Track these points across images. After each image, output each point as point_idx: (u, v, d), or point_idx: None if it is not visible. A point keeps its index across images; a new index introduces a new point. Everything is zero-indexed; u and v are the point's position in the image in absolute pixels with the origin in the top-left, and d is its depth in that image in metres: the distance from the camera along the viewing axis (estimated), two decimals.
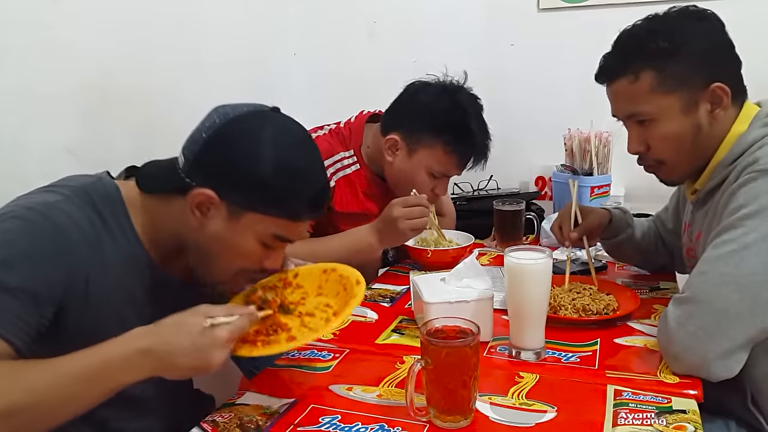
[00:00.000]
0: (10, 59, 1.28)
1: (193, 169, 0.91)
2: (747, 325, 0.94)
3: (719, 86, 1.05)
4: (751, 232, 0.94)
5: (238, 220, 0.91)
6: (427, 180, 1.53)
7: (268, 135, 0.91)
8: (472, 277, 1.16)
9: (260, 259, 0.96)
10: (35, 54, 1.33)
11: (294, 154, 0.92)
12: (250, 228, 0.91)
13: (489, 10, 2.17)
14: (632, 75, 1.07)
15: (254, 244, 0.93)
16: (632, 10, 1.19)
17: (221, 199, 0.89)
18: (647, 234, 1.44)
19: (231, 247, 0.93)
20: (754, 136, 1.04)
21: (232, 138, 0.90)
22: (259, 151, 0.89)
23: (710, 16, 1.08)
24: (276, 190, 0.90)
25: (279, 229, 0.93)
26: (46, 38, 1.35)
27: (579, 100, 2.01)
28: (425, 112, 1.50)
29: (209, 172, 0.90)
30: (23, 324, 0.79)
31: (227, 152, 0.90)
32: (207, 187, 0.89)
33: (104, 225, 0.90)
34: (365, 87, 1.63)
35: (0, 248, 0.80)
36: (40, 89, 1.34)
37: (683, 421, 0.85)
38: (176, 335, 0.80)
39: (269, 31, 2.25)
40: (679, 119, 1.07)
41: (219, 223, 0.91)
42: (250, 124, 0.91)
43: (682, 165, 1.12)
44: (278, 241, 0.95)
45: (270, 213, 0.91)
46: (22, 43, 1.30)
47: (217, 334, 0.80)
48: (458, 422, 0.86)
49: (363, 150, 1.60)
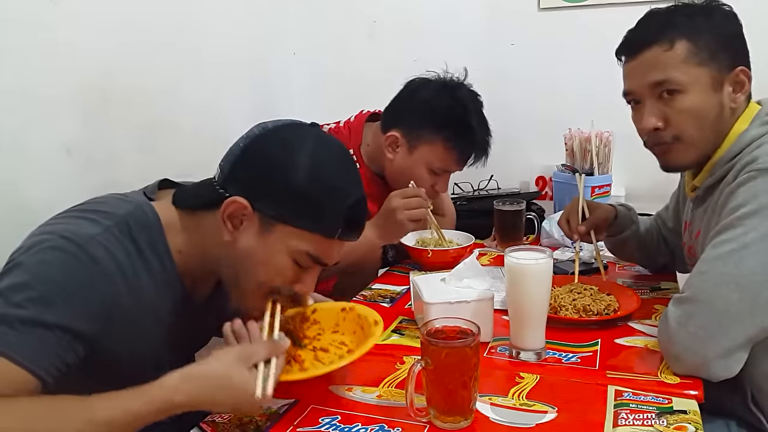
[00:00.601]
0: (10, 59, 1.28)
1: (228, 180, 0.90)
2: (747, 325, 0.94)
3: (743, 70, 1.07)
4: (751, 231, 0.94)
5: (270, 232, 0.89)
6: (428, 176, 1.54)
7: (307, 146, 0.89)
8: (473, 277, 1.16)
9: (292, 279, 0.94)
10: (35, 54, 1.33)
11: (331, 168, 0.91)
12: (282, 242, 0.89)
13: (489, 9, 2.17)
14: (667, 43, 1.06)
15: (286, 260, 0.91)
16: (632, 10, 1.18)
17: (254, 210, 0.88)
18: (650, 232, 1.44)
19: (262, 263, 0.91)
20: (753, 135, 1.05)
21: (269, 148, 0.90)
22: (295, 161, 0.88)
23: (732, 11, 1.10)
24: (309, 202, 0.88)
25: (312, 246, 0.90)
26: (46, 38, 1.35)
27: (579, 100, 2.02)
28: (426, 108, 1.51)
29: (243, 182, 0.89)
30: (58, 360, 0.79)
31: (262, 161, 0.89)
32: (241, 197, 0.88)
33: (140, 255, 0.89)
34: (365, 87, 1.63)
35: (38, 282, 0.79)
36: (40, 90, 1.34)
37: (684, 421, 0.85)
38: (219, 394, 0.80)
39: (269, 31, 2.24)
40: (707, 93, 1.07)
41: (251, 237, 0.90)
42: (288, 135, 0.91)
43: (697, 144, 1.09)
44: (311, 261, 0.92)
45: (303, 226, 0.89)
46: (21, 43, 1.30)
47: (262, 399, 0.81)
48: (458, 423, 0.86)
49: (363, 149, 1.60)
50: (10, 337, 0.76)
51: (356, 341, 1.01)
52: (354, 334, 1.03)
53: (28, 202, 1.31)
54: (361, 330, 1.02)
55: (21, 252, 0.83)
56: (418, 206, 1.43)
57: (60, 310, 0.79)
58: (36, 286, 0.78)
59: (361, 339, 0.99)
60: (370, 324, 1.00)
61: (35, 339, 0.77)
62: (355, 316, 1.05)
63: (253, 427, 0.89)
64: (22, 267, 0.80)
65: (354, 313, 1.06)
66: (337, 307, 1.08)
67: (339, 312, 1.07)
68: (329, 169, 0.90)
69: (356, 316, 1.05)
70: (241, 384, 0.80)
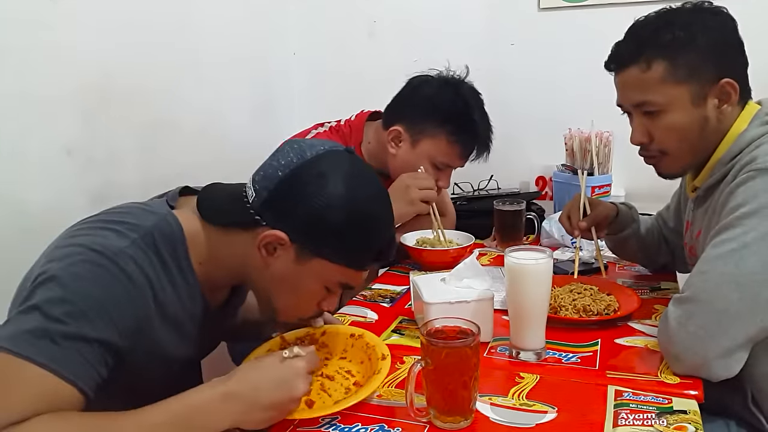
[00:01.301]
0: (10, 60, 1.28)
1: (264, 207, 0.90)
2: (747, 324, 0.94)
3: (729, 82, 1.05)
4: (751, 231, 0.94)
5: (305, 264, 0.91)
6: (431, 171, 1.55)
7: (345, 182, 0.89)
8: (473, 277, 1.16)
9: (319, 301, 0.97)
10: (35, 55, 1.33)
11: (369, 204, 0.92)
12: (317, 273, 0.92)
13: (489, 9, 2.17)
14: (644, 63, 1.07)
15: (318, 288, 0.95)
16: (632, 10, 1.18)
17: (291, 242, 0.89)
18: (650, 231, 1.44)
19: (294, 289, 0.94)
20: (753, 135, 1.05)
21: (308, 181, 0.89)
22: (334, 199, 0.88)
23: (724, 12, 1.08)
24: (348, 241, 0.90)
25: (344, 277, 0.94)
26: (46, 39, 1.35)
27: (579, 100, 2.01)
28: (428, 103, 1.53)
29: (281, 213, 0.89)
30: (96, 374, 0.79)
31: (302, 196, 0.88)
32: (278, 228, 0.89)
33: (164, 268, 0.89)
34: (365, 86, 1.64)
35: (75, 296, 0.78)
36: (40, 90, 1.34)
37: (684, 421, 0.85)
38: (258, 372, 0.84)
39: (269, 30, 2.24)
40: (688, 111, 1.07)
41: (285, 264, 0.91)
42: (326, 168, 0.90)
43: (684, 157, 1.12)
44: (340, 287, 0.96)
45: (339, 262, 0.91)
46: (21, 43, 1.30)
47: (298, 364, 0.85)
48: (458, 423, 0.86)
49: (363, 146, 1.62)
50: (54, 352, 0.75)
51: (363, 372, 1.00)
52: (361, 364, 1.02)
53: (28, 204, 1.31)
54: (369, 361, 1.01)
55: (49, 262, 0.82)
56: (429, 186, 1.46)
57: (98, 324, 0.79)
58: (74, 300, 0.78)
59: (368, 371, 0.99)
60: (378, 358, 0.99)
61: (77, 354, 0.77)
62: (364, 344, 1.05)
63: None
64: (56, 281, 0.79)
65: (363, 341, 1.05)
66: (346, 332, 1.08)
67: (348, 338, 1.07)
68: (367, 207, 0.91)
69: (365, 344, 1.05)
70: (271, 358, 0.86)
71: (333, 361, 1.05)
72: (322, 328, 1.07)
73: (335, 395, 0.95)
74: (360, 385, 0.96)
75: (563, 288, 1.28)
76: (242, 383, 0.82)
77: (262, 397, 0.82)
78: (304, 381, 0.85)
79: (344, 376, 1.00)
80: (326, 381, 0.98)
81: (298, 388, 0.84)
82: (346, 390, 0.96)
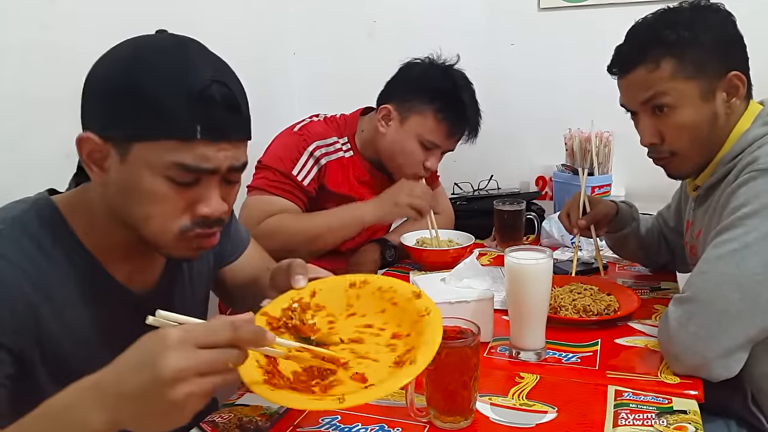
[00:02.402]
0: (8, 62, 1.28)
1: (84, 122, 0.80)
2: (747, 325, 0.94)
3: (736, 74, 1.05)
4: (752, 231, 0.94)
5: (127, 157, 0.76)
6: (419, 150, 1.56)
7: (127, 50, 0.78)
8: (473, 277, 1.16)
9: (185, 205, 0.79)
10: (33, 57, 1.33)
11: (157, 59, 0.76)
12: (143, 162, 0.76)
13: (489, 9, 2.17)
14: (652, 63, 1.07)
15: (159, 182, 0.76)
16: (632, 10, 1.19)
17: (104, 141, 0.77)
18: (651, 231, 1.44)
19: (136, 194, 0.78)
20: (755, 135, 1.05)
21: (94, 70, 0.80)
22: (111, 70, 0.77)
23: (722, 9, 1.08)
24: (142, 105, 0.74)
25: (174, 154, 0.75)
26: (44, 40, 1.35)
27: (579, 100, 2.02)
28: (417, 81, 1.57)
29: (85, 116, 0.79)
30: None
31: (89, 85, 0.79)
32: (89, 131, 0.77)
33: (44, 255, 0.80)
34: (365, 87, 1.64)
35: None
36: (38, 93, 1.34)
37: (684, 421, 0.85)
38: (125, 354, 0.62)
39: (269, 31, 2.25)
40: (698, 106, 1.07)
41: (116, 171, 0.78)
42: (111, 51, 0.80)
43: (694, 156, 1.11)
44: (188, 172, 0.77)
45: (150, 136, 0.75)
46: (19, 45, 1.30)
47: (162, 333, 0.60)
48: (458, 423, 0.86)
49: (357, 136, 1.65)
50: None
51: (394, 321, 0.80)
52: (383, 312, 0.83)
53: None
54: (394, 307, 0.82)
55: None
56: (423, 197, 1.46)
57: None
58: None
59: (402, 317, 0.79)
60: (407, 297, 0.80)
61: None
62: (374, 290, 0.85)
63: (253, 427, 0.89)
64: None
65: (370, 288, 0.85)
66: (344, 284, 0.88)
67: (348, 289, 0.87)
68: (153, 63, 0.76)
69: (375, 290, 0.85)
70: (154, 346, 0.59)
71: (339, 322, 0.84)
72: (310, 287, 0.86)
73: (383, 357, 0.74)
74: (400, 336, 0.77)
75: (563, 288, 1.28)
76: (105, 371, 0.62)
77: (123, 385, 0.60)
78: (175, 352, 0.58)
79: (373, 333, 0.80)
80: (355, 346, 0.78)
81: (162, 366, 0.57)
82: (390, 347, 0.75)
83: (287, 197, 1.51)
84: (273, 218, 1.48)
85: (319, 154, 1.54)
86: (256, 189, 1.52)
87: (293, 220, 1.49)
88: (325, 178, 1.56)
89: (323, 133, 1.58)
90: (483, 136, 1.62)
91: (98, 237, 0.85)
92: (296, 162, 1.52)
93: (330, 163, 1.56)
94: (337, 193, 1.57)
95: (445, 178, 1.89)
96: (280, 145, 1.56)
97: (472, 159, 2.12)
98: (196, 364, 0.59)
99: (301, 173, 1.52)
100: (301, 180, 1.52)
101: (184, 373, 0.58)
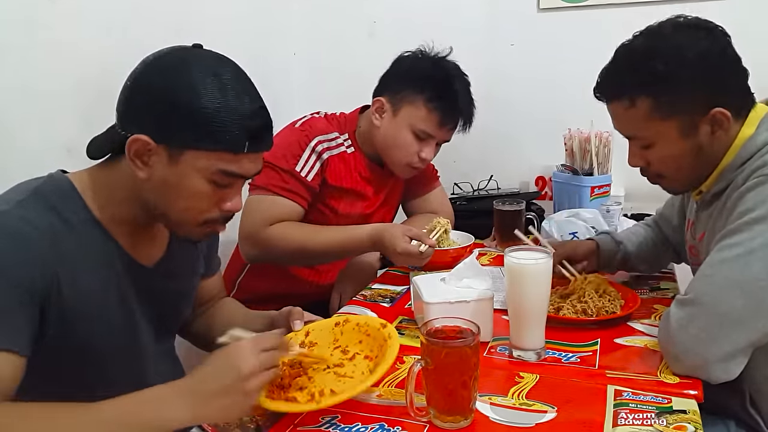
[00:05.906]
0: (9, 57, 1.28)
1: (124, 120, 0.90)
2: (749, 330, 0.94)
3: (720, 111, 1.02)
4: (758, 236, 0.94)
5: (179, 161, 0.88)
6: (413, 141, 1.56)
7: (187, 67, 0.88)
8: (472, 277, 1.16)
9: (216, 201, 0.93)
10: (34, 52, 1.33)
11: (217, 83, 0.88)
12: (193, 167, 0.89)
13: (489, 9, 2.17)
14: (628, 101, 1.05)
15: (203, 183, 0.90)
16: (632, 10, 1.19)
17: (157, 144, 0.88)
18: (645, 242, 1.41)
19: (180, 191, 0.91)
20: (763, 139, 1.03)
21: (152, 78, 0.89)
22: (178, 85, 0.87)
23: (714, 30, 1.03)
24: (202, 121, 0.86)
25: (222, 163, 0.89)
26: (45, 36, 1.35)
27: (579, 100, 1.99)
28: (409, 71, 1.58)
29: (139, 118, 0.88)
30: (26, 329, 0.81)
31: (149, 93, 0.88)
32: (141, 134, 0.87)
33: (63, 222, 0.88)
34: (365, 86, 1.64)
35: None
36: (39, 87, 1.34)
37: (683, 421, 0.85)
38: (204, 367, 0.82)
39: (270, 29, 2.24)
40: (678, 143, 1.05)
41: (162, 169, 0.89)
42: (168, 62, 0.90)
43: (682, 180, 1.12)
44: (228, 177, 0.91)
45: (205, 147, 0.88)
46: (20, 41, 1.30)
47: (238, 343, 0.82)
48: (458, 422, 0.86)
49: (357, 132, 1.65)
50: None
51: (368, 347, 1.00)
52: (360, 343, 1.02)
53: None
54: (367, 337, 1.01)
55: None
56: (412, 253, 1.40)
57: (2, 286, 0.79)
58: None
59: (373, 345, 0.98)
60: (377, 328, 1.00)
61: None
62: (354, 326, 1.04)
63: (254, 426, 0.89)
64: None
65: (351, 325, 1.04)
66: (330, 324, 1.06)
67: (333, 328, 1.05)
68: (215, 85, 0.87)
69: (354, 326, 1.04)
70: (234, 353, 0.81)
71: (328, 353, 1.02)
72: (305, 328, 1.05)
73: (357, 375, 0.94)
74: (371, 358, 0.97)
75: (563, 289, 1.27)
76: (191, 378, 0.82)
77: (209, 385, 0.80)
78: (250, 356, 0.80)
79: (352, 359, 0.99)
80: (338, 369, 0.96)
81: (242, 366, 0.79)
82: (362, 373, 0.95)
83: (290, 197, 1.51)
84: (279, 226, 1.48)
85: (321, 149, 1.54)
86: (258, 188, 1.52)
87: (298, 233, 1.49)
88: (327, 173, 1.56)
89: (325, 129, 1.59)
90: (483, 136, 1.61)
91: (112, 212, 0.94)
92: (299, 158, 1.52)
93: (332, 157, 1.56)
94: (340, 187, 1.58)
95: (445, 178, 1.89)
96: (282, 141, 1.56)
97: (472, 159, 2.13)
98: (263, 361, 0.81)
99: (305, 169, 1.52)
100: (305, 176, 1.52)
101: (256, 369, 0.80)
